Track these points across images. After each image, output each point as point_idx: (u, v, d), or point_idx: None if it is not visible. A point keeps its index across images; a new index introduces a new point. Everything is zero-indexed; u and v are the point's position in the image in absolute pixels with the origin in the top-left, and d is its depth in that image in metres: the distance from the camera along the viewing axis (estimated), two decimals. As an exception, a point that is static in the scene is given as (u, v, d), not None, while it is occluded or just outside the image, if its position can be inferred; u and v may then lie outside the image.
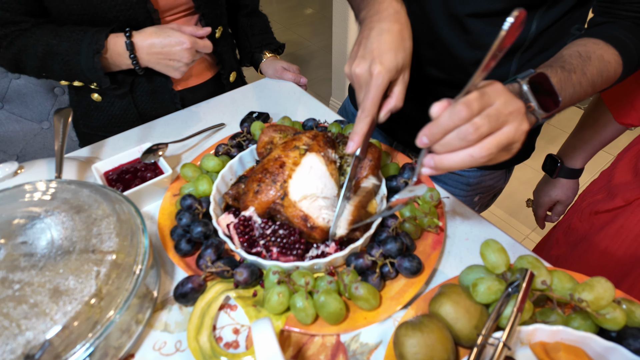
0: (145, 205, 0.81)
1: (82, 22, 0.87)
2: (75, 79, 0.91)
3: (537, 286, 0.57)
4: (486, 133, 0.47)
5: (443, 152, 0.49)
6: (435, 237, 0.70)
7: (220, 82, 1.16)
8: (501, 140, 0.48)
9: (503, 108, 0.48)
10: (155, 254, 0.69)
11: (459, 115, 0.46)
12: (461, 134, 0.47)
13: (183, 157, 0.93)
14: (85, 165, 0.86)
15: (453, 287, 0.59)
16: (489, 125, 0.47)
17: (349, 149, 0.62)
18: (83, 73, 0.88)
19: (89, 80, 0.91)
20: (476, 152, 0.47)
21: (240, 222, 0.66)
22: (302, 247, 0.64)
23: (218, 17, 1.04)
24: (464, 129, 0.46)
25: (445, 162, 0.49)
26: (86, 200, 0.63)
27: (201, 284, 0.62)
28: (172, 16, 0.96)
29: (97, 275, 0.54)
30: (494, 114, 0.47)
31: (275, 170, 0.67)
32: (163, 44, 0.86)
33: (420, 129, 0.51)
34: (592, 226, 0.99)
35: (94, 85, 0.95)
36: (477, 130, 0.46)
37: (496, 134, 0.48)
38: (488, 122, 0.47)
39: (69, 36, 0.85)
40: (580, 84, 0.64)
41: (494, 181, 1.11)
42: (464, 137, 0.47)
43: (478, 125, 0.46)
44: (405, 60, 0.62)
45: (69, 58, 0.86)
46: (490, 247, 0.59)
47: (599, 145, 0.97)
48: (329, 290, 0.59)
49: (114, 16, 0.86)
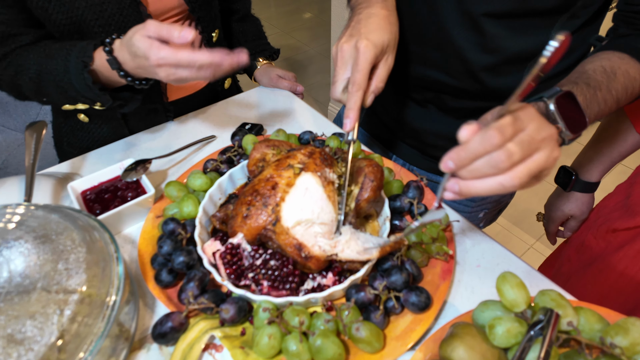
0: (126, 227, 0.74)
1: (69, 33, 0.79)
2: (75, 101, 0.78)
3: (563, 327, 0.50)
4: (518, 161, 0.44)
5: (469, 178, 0.46)
6: (445, 266, 0.63)
7: (215, 89, 1.09)
8: (532, 168, 0.44)
9: (536, 134, 0.45)
10: (133, 286, 0.62)
11: (492, 141, 0.42)
12: (492, 162, 0.43)
13: (169, 172, 0.86)
14: (63, 183, 0.79)
15: (466, 327, 0.52)
16: (522, 152, 0.43)
17: (346, 126, 0.61)
18: (79, 93, 0.75)
19: (90, 101, 0.77)
20: (507, 181, 0.44)
21: (227, 250, 0.59)
22: (296, 281, 0.57)
23: (213, 20, 0.97)
24: (495, 156, 0.43)
25: (473, 189, 0.46)
26: (54, 228, 0.56)
27: (182, 323, 0.56)
28: (166, 21, 0.89)
29: (59, 319, 0.47)
30: (527, 140, 0.44)
31: (267, 192, 0.60)
32: (133, 57, 0.68)
33: (422, 139, 0.45)
34: (608, 245, 0.93)
35: (99, 106, 0.78)
36: (510, 157, 0.43)
37: (527, 162, 0.44)
38: (521, 150, 0.43)
39: (57, 53, 0.75)
40: (606, 102, 0.61)
41: (500, 196, 1.05)
42: (495, 165, 0.43)
43: (511, 152, 0.43)
44: (390, 41, 0.63)
45: (60, 78, 0.74)
46: (508, 281, 0.52)
47: (618, 158, 0.91)
48: (326, 331, 0.52)
49: (105, 23, 0.79)
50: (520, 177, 0.44)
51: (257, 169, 0.68)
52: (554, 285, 0.64)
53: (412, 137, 0.95)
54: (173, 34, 0.64)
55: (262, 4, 4.67)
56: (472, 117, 0.87)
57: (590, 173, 0.94)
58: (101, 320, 0.51)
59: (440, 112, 0.89)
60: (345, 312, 0.54)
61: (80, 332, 0.49)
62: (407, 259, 0.62)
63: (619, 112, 0.87)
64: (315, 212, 0.59)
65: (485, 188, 0.45)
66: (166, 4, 0.86)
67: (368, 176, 0.64)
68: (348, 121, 0.61)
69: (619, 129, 0.88)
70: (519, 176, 0.44)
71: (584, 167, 0.95)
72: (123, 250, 0.71)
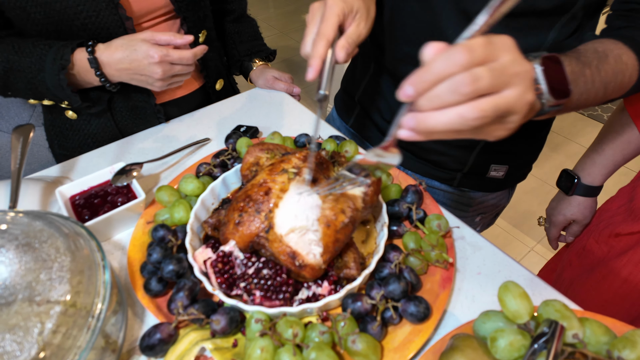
0: (116, 233, 0.72)
1: (47, 32, 0.78)
2: (43, 97, 0.82)
3: (568, 340, 0.48)
4: (484, 90, 0.37)
5: (428, 109, 0.39)
6: (445, 273, 0.61)
7: (207, 91, 1.07)
8: (500, 104, 0.38)
9: (510, 66, 0.38)
10: (121, 295, 0.60)
11: (457, 60, 0.36)
12: (454, 85, 0.37)
13: (162, 176, 0.84)
14: (51, 188, 0.77)
15: (467, 339, 0.50)
16: (490, 81, 0.37)
17: (308, 75, 0.57)
18: (50, 91, 0.78)
19: (59, 99, 0.82)
20: (468, 112, 0.37)
21: (218, 258, 0.57)
22: (289, 290, 0.55)
23: (201, 20, 0.95)
24: (459, 79, 0.37)
25: (430, 122, 0.39)
26: (38, 236, 0.54)
27: (171, 334, 0.53)
28: (150, 22, 0.87)
29: (41, 332, 0.45)
30: (498, 70, 0.38)
31: (260, 197, 0.58)
32: (131, 58, 0.76)
33: (415, 142, 0.42)
34: (611, 249, 0.90)
35: (66, 104, 0.85)
36: (475, 82, 0.36)
37: (495, 96, 0.38)
38: (489, 77, 0.37)
39: (32, 51, 0.76)
40: (593, 83, 0.57)
41: (497, 200, 1.03)
42: (456, 89, 0.37)
43: (477, 76, 0.37)
44: (360, 8, 0.61)
45: (32, 75, 0.77)
46: (511, 291, 0.50)
47: (622, 161, 0.89)
48: (321, 344, 0.50)
49: (82, 24, 0.77)
50: (484, 111, 0.37)
51: (250, 173, 0.66)
52: (558, 294, 0.62)
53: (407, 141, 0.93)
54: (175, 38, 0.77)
55: (260, 4, 4.65)
56: None
57: (592, 177, 0.92)
58: (86, 332, 0.49)
59: None
60: (341, 324, 0.52)
61: (63, 344, 0.47)
62: (405, 267, 0.60)
63: (623, 115, 0.85)
64: (310, 219, 0.56)
65: (443, 121, 0.38)
66: (151, 4, 0.85)
67: (365, 181, 0.62)
68: (310, 69, 0.57)
69: (622, 132, 0.85)
70: (482, 108, 0.37)
71: (587, 170, 0.93)
72: (112, 258, 0.69)
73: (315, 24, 0.60)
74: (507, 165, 0.93)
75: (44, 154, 1.35)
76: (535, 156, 0.99)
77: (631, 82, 0.62)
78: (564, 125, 2.91)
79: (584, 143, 2.75)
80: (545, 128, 0.94)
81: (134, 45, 0.76)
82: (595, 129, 2.86)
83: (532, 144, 0.95)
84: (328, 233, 0.56)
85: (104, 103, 0.89)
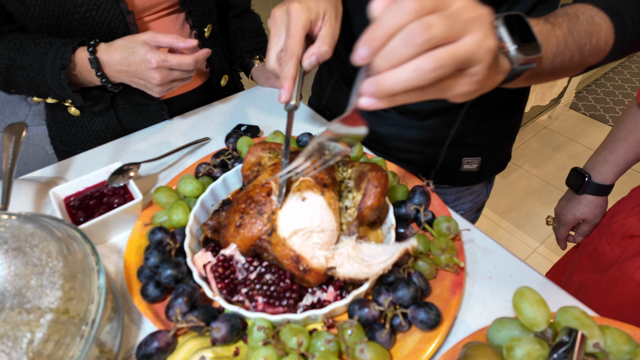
0: (112, 236, 0.69)
1: (47, 27, 0.76)
2: (45, 95, 0.80)
3: (588, 349, 0.45)
4: (439, 38, 0.34)
5: (385, 68, 0.36)
6: (455, 278, 0.58)
7: (211, 87, 1.04)
8: (458, 52, 0.35)
9: (464, 11, 0.36)
10: (117, 301, 0.57)
11: (406, 8, 0.34)
12: (407, 36, 0.34)
13: (160, 177, 0.81)
14: (46, 188, 0.74)
15: (481, 348, 0.48)
16: (443, 27, 0.34)
17: (281, 97, 0.56)
18: (51, 90, 0.76)
19: (61, 98, 0.80)
20: (424, 64, 0.34)
21: (218, 262, 0.54)
22: (293, 297, 0.52)
23: (206, 14, 0.92)
24: (410, 28, 0.34)
25: (388, 83, 0.36)
26: (29, 239, 0.51)
27: (169, 342, 0.51)
28: (152, 15, 0.85)
29: (30, 342, 0.42)
30: (452, 16, 0.35)
31: (262, 199, 0.56)
32: (129, 61, 0.73)
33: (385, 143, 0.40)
34: (624, 251, 0.88)
35: (69, 102, 0.83)
36: (428, 30, 0.34)
37: (452, 45, 0.35)
38: (442, 23, 0.34)
39: (33, 50, 0.74)
40: (566, 43, 0.53)
41: (474, 196, 1.02)
42: (410, 41, 0.34)
43: (430, 24, 0.34)
44: (328, 9, 0.59)
45: (34, 74, 0.75)
46: (527, 298, 0.48)
47: (635, 160, 0.86)
48: (327, 353, 0.47)
49: (82, 18, 0.75)
50: (441, 60, 0.34)
51: (252, 173, 0.64)
52: (573, 300, 0.59)
53: (376, 142, 0.92)
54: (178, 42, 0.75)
55: (261, 3, 4.62)
56: (434, 117, 0.84)
57: (604, 175, 0.90)
58: (79, 341, 0.46)
59: (401, 115, 0.86)
60: (348, 331, 0.49)
61: (54, 354, 0.44)
62: (414, 271, 0.57)
63: (636, 112, 0.83)
64: (314, 221, 0.54)
65: (401, 78, 0.35)
66: None
67: (372, 182, 0.59)
68: (283, 92, 0.56)
69: (636, 129, 0.83)
70: (439, 58, 0.34)
71: (598, 169, 0.90)
72: (108, 262, 0.66)
73: (280, 36, 0.58)
74: (479, 157, 0.92)
75: (40, 154, 1.32)
76: (508, 145, 0.98)
77: (607, 46, 0.58)
78: (567, 126, 2.89)
79: (587, 143, 2.73)
80: (514, 115, 0.93)
81: (133, 47, 0.73)
82: (598, 129, 2.83)
83: (502, 133, 0.93)
84: None
85: (107, 101, 0.87)
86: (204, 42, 0.93)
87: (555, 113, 2.94)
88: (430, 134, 0.87)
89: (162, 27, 0.87)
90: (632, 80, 3.26)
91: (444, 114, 0.84)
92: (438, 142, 0.88)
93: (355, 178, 0.62)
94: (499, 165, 1.00)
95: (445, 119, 0.85)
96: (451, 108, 0.83)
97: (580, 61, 0.56)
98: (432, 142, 0.88)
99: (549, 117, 2.96)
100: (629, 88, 3.18)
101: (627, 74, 3.34)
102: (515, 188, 2.46)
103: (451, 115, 0.84)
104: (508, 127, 0.93)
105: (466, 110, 0.83)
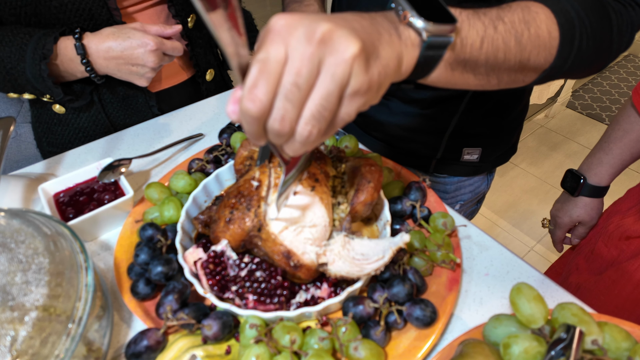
0: (103, 232, 0.68)
1: (26, 15, 0.74)
2: (23, 90, 0.78)
3: (587, 346, 0.44)
4: (296, 103, 0.34)
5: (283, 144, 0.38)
6: (451, 275, 0.58)
7: (196, 81, 1.03)
8: (321, 98, 0.34)
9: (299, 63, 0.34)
10: (106, 299, 0.56)
11: (248, 116, 0.35)
12: (272, 132, 0.36)
13: (152, 173, 0.80)
14: (35, 185, 0.73)
15: (478, 345, 0.47)
16: (293, 102, 0.34)
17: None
18: (30, 83, 0.74)
19: (40, 92, 0.77)
20: (303, 131, 0.35)
21: (209, 259, 0.53)
22: (285, 294, 0.51)
23: (189, 4, 0.91)
24: (271, 121, 0.35)
25: (294, 149, 0.38)
26: (15, 235, 0.50)
27: (159, 341, 0.50)
28: (135, 6, 0.83)
29: (14, 340, 0.41)
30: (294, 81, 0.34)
31: (252, 193, 0.54)
32: (123, 46, 0.73)
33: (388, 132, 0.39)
34: (621, 252, 0.87)
35: (47, 98, 0.81)
36: (283, 119, 0.35)
37: (312, 94, 0.35)
38: (290, 99, 0.34)
39: (11, 40, 0.71)
40: (496, 28, 0.47)
41: (475, 186, 1.01)
42: (276, 129, 0.35)
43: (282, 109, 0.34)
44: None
45: (12, 66, 0.72)
46: (524, 294, 0.47)
47: (630, 160, 0.85)
48: (320, 351, 0.46)
49: (60, 5, 0.72)
50: (313, 117, 0.34)
51: (244, 167, 0.62)
52: (571, 297, 0.58)
53: (379, 130, 0.92)
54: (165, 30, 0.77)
55: (257, 3, 4.61)
56: (437, 106, 0.84)
57: (599, 177, 0.89)
58: (65, 339, 0.45)
59: (404, 104, 0.86)
60: (343, 329, 0.48)
61: (40, 353, 0.43)
62: (409, 268, 0.56)
63: (631, 113, 0.82)
64: (305, 216, 0.53)
65: (299, 148, 0.37)
66: None
67: (365, 177, 0.58)
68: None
69: (631, 130, 0.82)
70: (310, 117, 0.34)
71: (593, 170, 0.89)
72: (98, 259, 0.65)
73: None
74: (480, 148, 0.92)
75: (32, 150, 1.30)
76: (510, 137, 0.97)
77: (552, 37, 0.50)
78: (563, 125, 2.89)
79: (583, 142, 2.73)
80: (515, 108, 0.91)
81: (127, 33, 0.73)
82: (595, 127, 2.84)
83: (503, 124, 0.92)
84: None
85: (87, 97, 0.85)
86: (187, 32, 0.91)
87: (552, 112, 2.94)
88: (432, 122, 0.87)
89: (146, 19, 0.86)
90: (629, 80, 3.26)
91: (446, 103, 0.84)
92: (440, 131, 0.88)
93: (349, 173, 0.61)
94: (501, 157, 0.99)
95: (448, 107, 0.84)
96: (454, 97, 0.83)
97: (520, 52, 0.49)
98: (434, 130, 0.88)
99: (546, 116, 2.96)
100: (625, 87, 3.18)
101: (624, 72, 3.35)
102: (512, 186, 2.46)
103: (454, 104, 0.84)
104: (510, 119, 0.93)
105: (468, 100, 0.82)
